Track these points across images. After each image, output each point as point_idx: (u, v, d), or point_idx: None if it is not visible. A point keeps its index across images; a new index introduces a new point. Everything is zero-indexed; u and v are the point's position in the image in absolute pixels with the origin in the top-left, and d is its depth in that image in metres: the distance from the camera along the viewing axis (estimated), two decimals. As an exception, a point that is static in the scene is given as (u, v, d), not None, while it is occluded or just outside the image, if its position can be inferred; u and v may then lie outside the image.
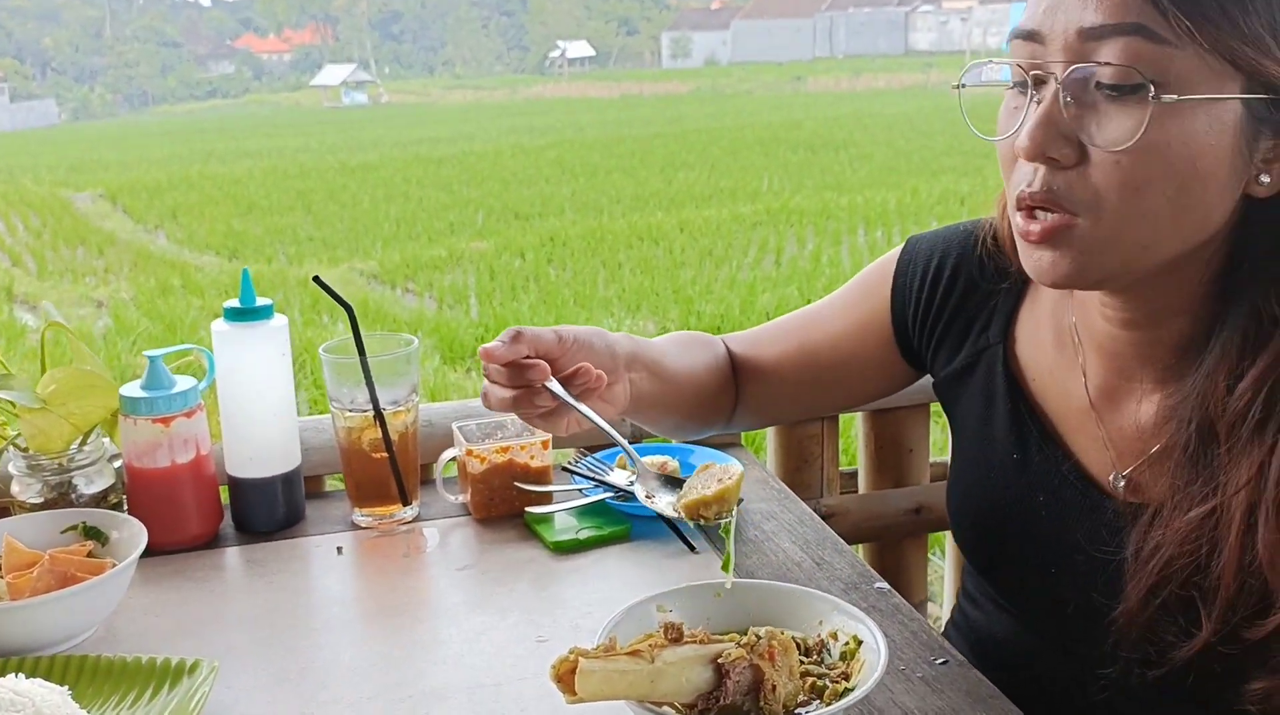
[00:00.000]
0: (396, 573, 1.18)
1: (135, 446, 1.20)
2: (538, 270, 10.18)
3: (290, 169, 19.15)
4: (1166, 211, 0.82)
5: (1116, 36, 0.79)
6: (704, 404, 1.20)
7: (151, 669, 0.96)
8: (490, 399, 1.01)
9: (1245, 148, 0.81)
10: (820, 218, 12.12)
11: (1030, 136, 0.84)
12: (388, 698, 0.95)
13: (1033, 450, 1.02)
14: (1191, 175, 0.81)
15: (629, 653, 0.79)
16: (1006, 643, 1.08)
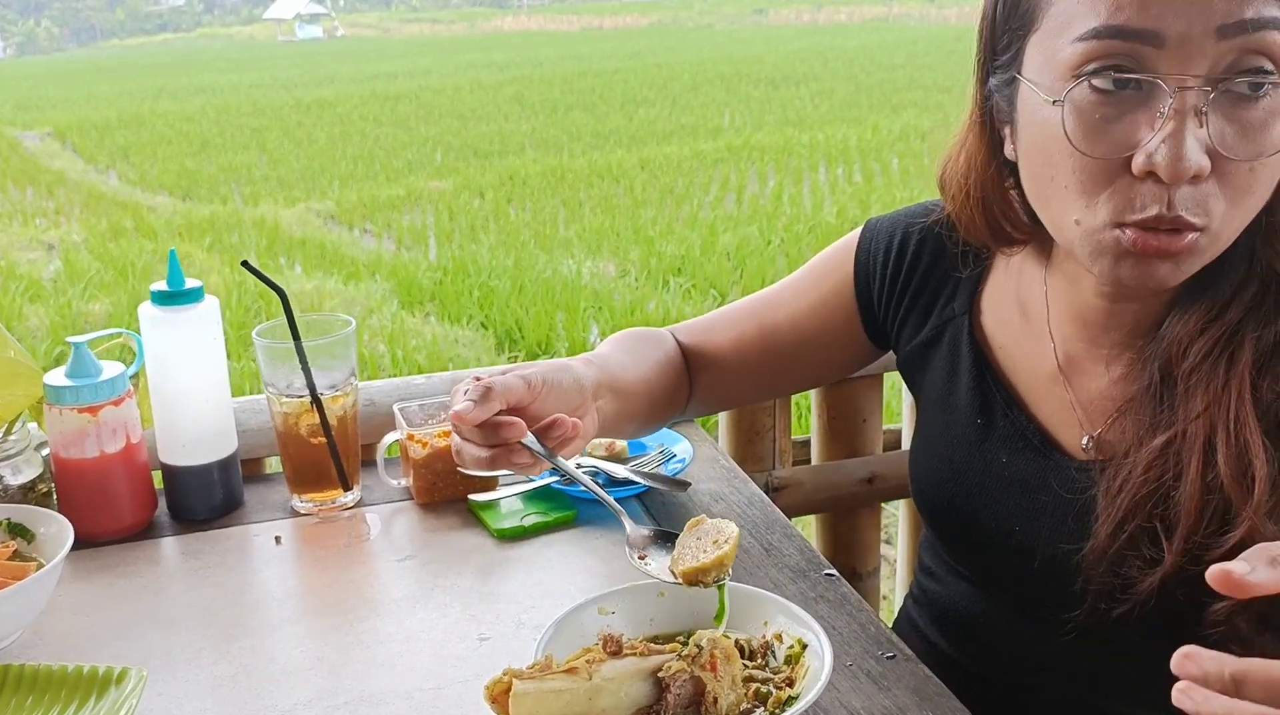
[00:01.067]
0: (337, 565, 1.15)
1: (62, 437, 1.16)
2: (497, 210, 10.07)
3: (244, 106, 18.79)
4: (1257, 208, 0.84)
5: (1263, 31, 0.76)
6: (659, 404, 1.18)
7: (78, 678, 0.92)
8: (465, 459, 0.96)
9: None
10: (781, 155, 12.05)
11: (1182, 158, 0.78)
12: (323, 704, 0.92)
13: (997, 415, 1.02)
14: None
15: (565, 670, 0.76)
16: (965, 609, 1.09)
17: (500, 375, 0.97)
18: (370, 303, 6.96)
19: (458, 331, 6.47)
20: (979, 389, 1.04)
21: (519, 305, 6.65)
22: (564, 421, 0.96)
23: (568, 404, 1.00)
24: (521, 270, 7.47)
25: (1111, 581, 0.90)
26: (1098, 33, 0.79)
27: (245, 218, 10.06)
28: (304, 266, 8.27)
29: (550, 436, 0.96)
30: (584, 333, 6.34)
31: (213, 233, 9.42)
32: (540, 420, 0.97)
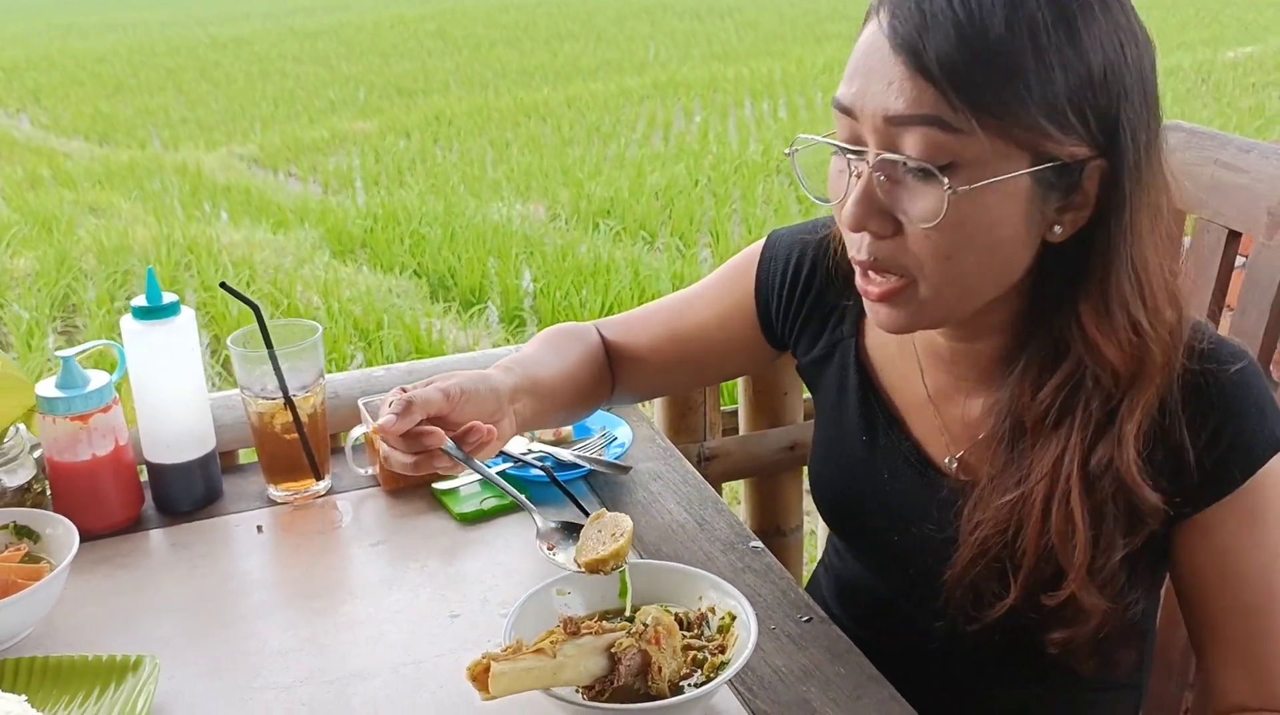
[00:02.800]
0: (314, 551, 1.27)
1: (55, 443, 1.27)
2: (424, 151, 10.04)
3: (157, 44, 18.30)
4: (977, 270, 0.93)
5: (916, 125, 0.87)
6: (583, 397, 1.29)
7: (98, 667, 1.05)
8: (393, 464, 1.08)
9: (1038, 209, 0.91)
10: (707, 90, 12.12)
11: (851, 212, 0.93)
12: (317, 681, 1.06)
13: (879, 434, 1.14)
14: (993, 241, 0.91)
15: (534, 651, 0.91)
16: (865, 592, 1.23)
17: (423, 387, 1.09)
18: (301, 252, 6.97)
19: (391, 280, 6.52)
20: (864, 408, 1.15)
21: (451, 252, 6.71)
22: (479, 428, 1.09)
23: (484, 411, 1.11)
24: (452, 216, 7.50)
25: (967, 604, 1.04)
26: (834, 101, 0.95)
27: (166, 163, 9.92)
28: (230, 214, 8.22)
29: (467, 442, 1.08)
30: (516, 279, 6.43)
31: (133, 180, 9.29)
32: (459, 427, 1.09)
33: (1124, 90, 0.88)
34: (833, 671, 1.05)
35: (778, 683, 1.04)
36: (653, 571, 1.09)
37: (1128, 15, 0.89)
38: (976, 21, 0.85)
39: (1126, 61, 0.88)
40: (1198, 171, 1.39)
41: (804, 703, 1.01)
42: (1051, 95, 0.86)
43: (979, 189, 0.88)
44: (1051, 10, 0.86)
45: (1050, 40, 0.86)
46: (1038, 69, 0.85)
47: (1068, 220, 0.92)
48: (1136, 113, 0.89)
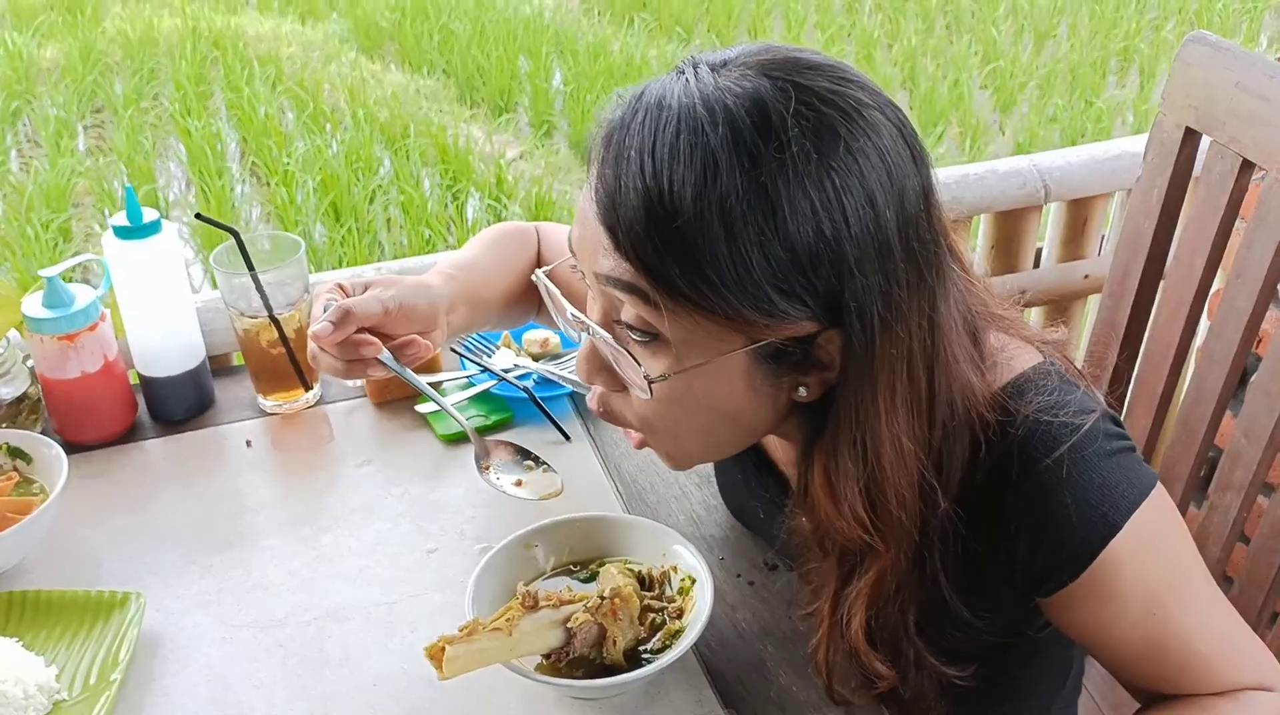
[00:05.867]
0: (302, 471, 1.30)
1: (45, 360, 1.29)
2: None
3: None
4: (703, 439, 0.90)
5: (619, 291, 0.81)
6: (517, 308, 1.27)
7: (86, 602, 1.10)
8: (322, 367, 1.09)
9: (766, 380, 0.84)
10: None
11: (578, 367, 0.90)
12: (297, 620, 1.10)
13: (750, 476, 1.13)
14: (717, 415, 0.86)
15: (491, 630, 0.94)
16: None
17: (361, 294, 1.10)
18: (329, 48, 6.82)
19: (419, 81, 6.39)
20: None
21: (480, 51, 6.54)
22: (417, 343, 1.10)
23: (419, 324, 1.12)
24: (483, 9, 7.28)
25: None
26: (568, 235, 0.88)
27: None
28: (258, 3, 8.00)
29: (404, 355, 1.10)
30: (546, 81, 6.28)
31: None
32: (392, 337, 1.10)
33: (846, 263, 0.77)
34: (790, 627, 1.08)
35: (736, 639, 1.07)
36: (620, 525, 1.11)
37: (862, 170, 0.77)
38: (666, 200, 0.76)
39: (849, 231, 0.77)
40: (1216, 92, 1.32)
41: (759, 663, 1.05)
42: (750, 284, 0.77)
43: (687, 371, 0.82)
44: (748, 187, 0.75)
45: (746, 223, 0.75)
46: (732, 258, 0.76)
47: (813, 382, 0.84)
48: (868, 281, 0.78)
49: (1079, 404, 0.88)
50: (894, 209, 0.78)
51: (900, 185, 0.79)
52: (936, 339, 0.83)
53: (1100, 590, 0.89)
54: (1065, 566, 0.89)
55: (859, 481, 0.84)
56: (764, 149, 0.75)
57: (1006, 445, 0.86)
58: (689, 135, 0.76)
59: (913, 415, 0.83)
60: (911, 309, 0.81)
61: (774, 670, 1.04)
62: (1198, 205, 1.37)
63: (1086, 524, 0.87)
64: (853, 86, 0.79)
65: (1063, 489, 0.86)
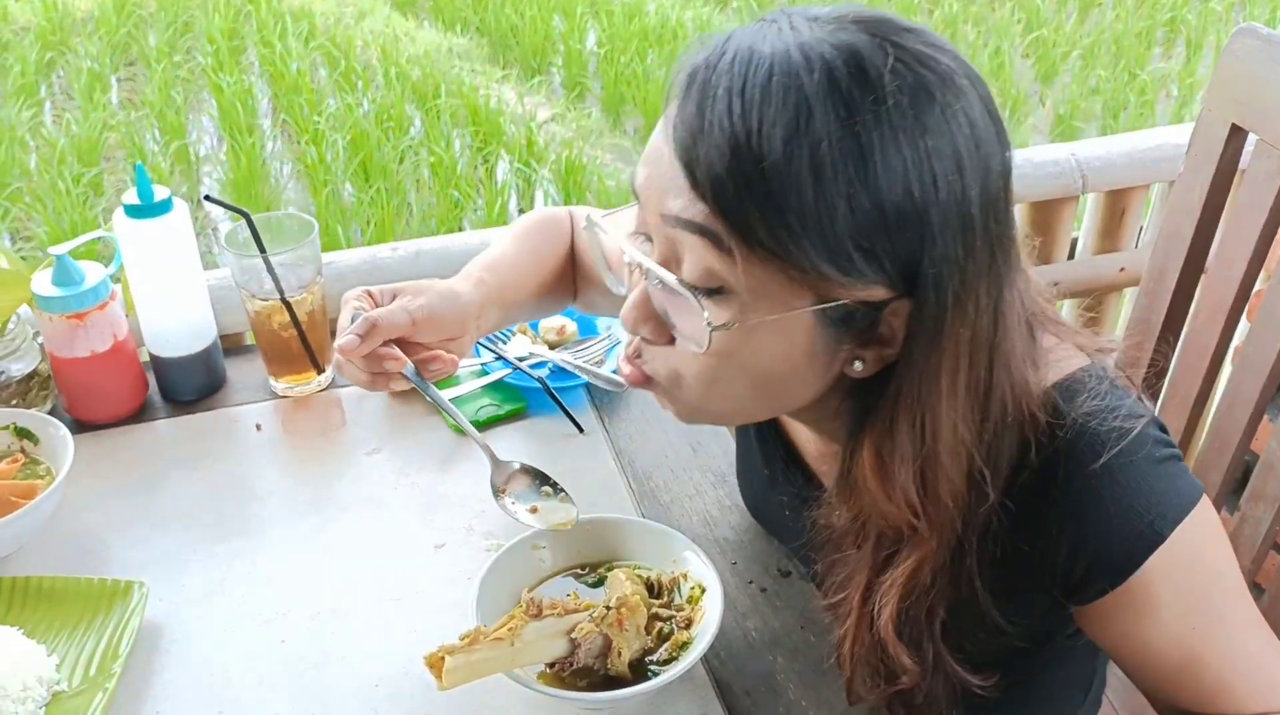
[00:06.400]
0: (312, 458, 1.28)
1: (54, 339, 1.27)
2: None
3: None
4: (742, 400, 0.86)
5: (689, 233, 0.77)
6: (548, 305, 1.26)
7: (89, 591, 1.08)
8: (347, 375, 1.06)
9: (827, 347, 0.80)
10: None
11: (626, 313, 0.86)
12: (299, 614, 1.09)
13: (778, 471, 1.09)
14: (766, 377, 0.83)
15: (493, 639, 0.92)
16: None
17: (389, 302, 1.07)
18: (362, 4, 6.76)
19: (452, 39, 6.33)
20: (762, 441, 1.10)
21: (514, 9, 6.47)
22: (442, 359, 1.08)
23: (447, 332, 1.09)
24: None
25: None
26: (630, 178, 0.84)
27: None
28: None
29: (428, 370, 1.08)
30: (580, 43, 6.21)
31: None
32: (419, 346, 1.08)
33: (930, 229, 0.74)
34: (802, 639, 1.06)
35: (746, 649, 1.05)
36: (630, 528, 1.09)
37: (954, 137, 0.75)
38: (754, 140, 0.72)
39: (938, 195, 0.74)
40: (1265, 88, 1.26)
41: (768, 675, 1.02)
42: (832, 237, 0.73)
43: (750, 324, 0.78)
44: (842, 135, 0.72)
45: (835, 173, 0.72)
46: (817, 207, 0.73)
47: (870, 357, 0.81)
48: (948, 252, 0.75)
49: (1129, 410, 0.85)
50: (978, 183, 0.76)
51: (985, 161, 0.77)
52: (999, 327, 0.80)
53: (1139, 601, 0.87)
54: (1106, 575, 0.86)
55: (913, 464, 0.81)
56: (860, 99, 0.73)
57: (1054, 447, 0.84)
58: (782, 78, 0.73)
59: (971, 402, 0.81)
60: (981, 290, 0.78)
61: (784, 683, 1.01)
62: (1241, 204, 1.31)
63: (1131, 532, 0.84)
64: (945, 54, 0.77)
65: (1109, 495, 0.83)
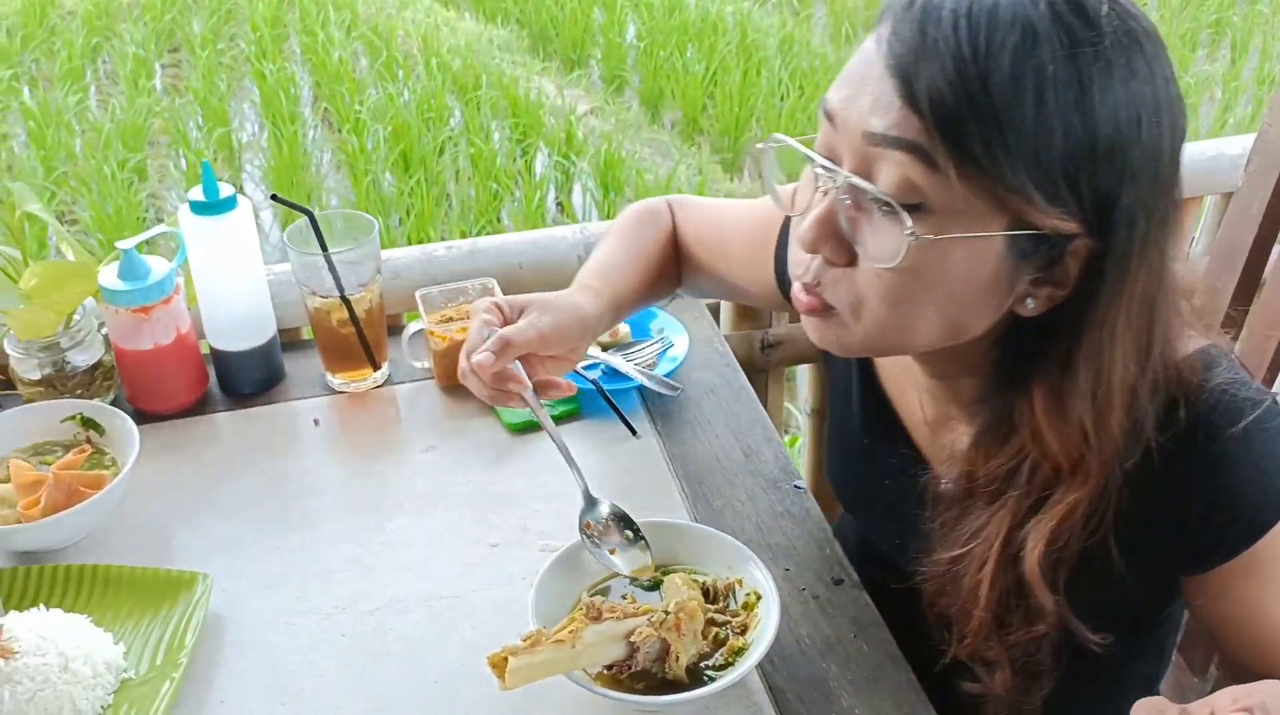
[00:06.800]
0: (368, 453, 1.30)
1: (119, 331, 1.29)
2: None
3: None
4: (920, 325, 0.86)
5: (895, 150, 0.78)
6: (655, 288, 1.28)
7: (156, 580, 1.11)
8: (470, 385, 1.09)
9: (1008, 277, 0.82)
10: None
11: (807, 232, 0.85)
12: (357, 609, 1.11)
13: (879, 441, 1.10)
14: (949, 300, 0.84)
15: (554, 641, 0.93)
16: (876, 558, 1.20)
17: (516, 317, 1.10)
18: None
19: (492, 30, 6.35)
20: (866, 413, 1.11)
21: (555, 1, 6.48)
22: (559, 385, 1.10)
23: (570, 346, 1.12)
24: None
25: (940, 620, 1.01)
26: (821, 102, 0.86)
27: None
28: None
29: (546, 394, 1.10)
30: (620, 36, 6.21)
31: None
32: (540, 360, 1.10)
33: (1130, 169, 0.77)
34: (855, 647, 1.07)
35: (798, 656, 1.06)
36: (688, 533, 1.10)
37: (1156, 86, 0.78)
38: (980, 60, 0.75)
39: (1141, 137, 0.77)
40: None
41: (821, 682, 1.03)
42: (1045, 160, 0.76)
43: (944, 241, 0.79)
44: (1066, 66, 0.75)
45: (1058, 100, 0.75)
46: (1037, 129, 0.75)
47: (1042, 296, 0.83)
48: (1141, 195, 0.78)
49: (1256, 384, 0.90)
50: (1170, 135, 0.79)
51: (1175, 118, 0.80)
52: (1166, 281, 0.84)
53: (1263, 566, 0.90)
54: (1235, 539, 0.89)
55: (1090, 399, 0.84)
56: (1081, 33, 0.76)
57: (1194, 411, 0.87)
58: (1009, 5, 0.76)
59: (1139, 351, 0.84)
60: (1162, 240, 0.82)
61: (836, 691, 1.02)
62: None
63: (1263, 497, 0.88)
64: (1145, 17, 0.80)
65: (1245, 460, 0.87)
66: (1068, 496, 0.87)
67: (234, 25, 6.26)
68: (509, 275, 1.49)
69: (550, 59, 6.11)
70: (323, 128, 5.34)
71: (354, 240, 1.33)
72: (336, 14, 6.14)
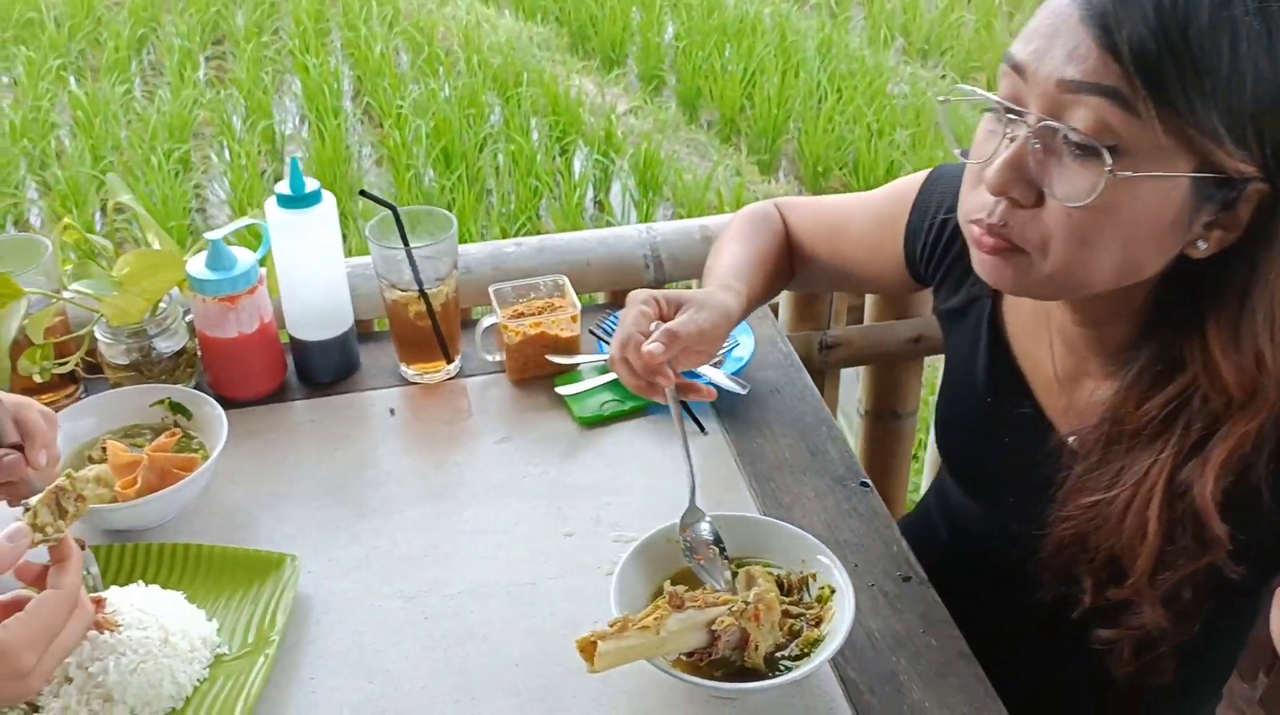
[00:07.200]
0: (442, 445, 1.34)
1: (205, 319, 1.33)
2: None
3: None
4: (1105, 262, 0.91)
5: (1091, 95, 0.85)
6: (774, 288, 1.37)
7: (245, 560, 1.15)
8: (619, 373, 1.21)
9: (1188, 217, 0.88)
10: None
11: (996, 174, 0.91)
12: (439, 593, 1.14)
13: (1004, 399, 1.14)
14: (1134, 237, 0.90)
15: (640, 628, 0.96)
16: (978, 527, 1.25)
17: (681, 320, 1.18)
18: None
19: (532, 28, 6.39)
20: (991, 372, 1.15)
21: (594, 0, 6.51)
22: (699, 388, 1.22)
23: (719, 343, 1.23)
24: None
25: (1062, 576, 1.07)
26: (1005, 56, 0.92)
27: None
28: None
29: (686, 395, 1.21)
30: (658, 36, 6.24)
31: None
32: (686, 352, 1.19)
33: None
34: (924, 642, 1.09)
35: (869, 650, 1.09)
36: (761, 527, 1.13)
37: None
38: (1180, 9, 0.82)
39: None
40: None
41: (892, 675, 1.06)
42: (1236, 105, 0.83)
43: (1138, 179, 0.86)
44: (1259, 19, 0.83)
45: (1250, 48, 0.82)
46: (1230, 75, 0.82)
47: (1214, 238, 0.90)
48: None
49: None
50: None
51: None
52: None
53: None
54: None
55: (1269, 331, 0.90)
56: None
57: None
58: None
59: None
60: None
61: (907, 684, 1.05)
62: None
63: None
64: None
65: None
66: (1239, 426, 0.93)
67: (276, 19, 6.32)
68: (578, 272, 1.52)
69: (589, 57, 6.14)
70: (365, 122, 5.39)
71: (431, 236, 1.36)
72: (379, 9, 6.19)
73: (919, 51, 6.50)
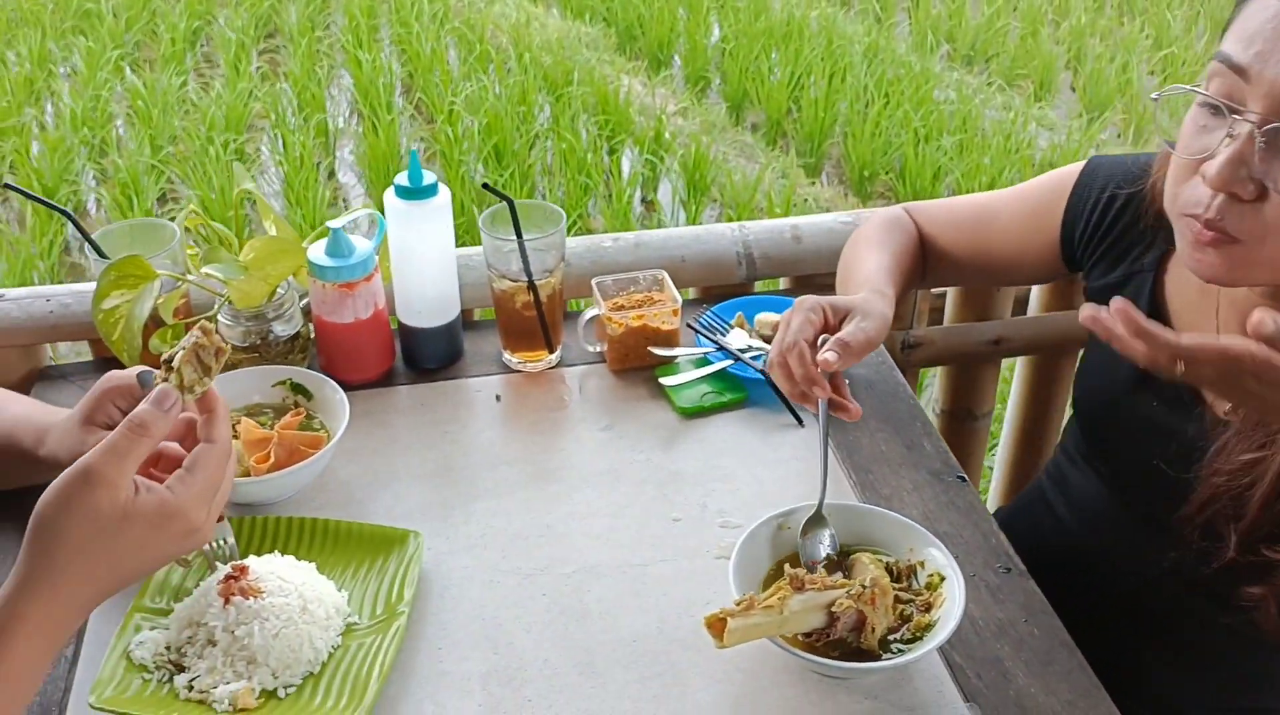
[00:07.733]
0: (548, 431, 1.39)
1: (323, 304, 1.38)
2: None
3: None
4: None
5: None
6: (907, 289, 1.42)
7: (370, 536, 1.19)
8: (776, 376, 1.25)
9: None
10: None
11: (1221, 172, 0.96)
12: (555, 572, 1.19)
13: (1170, 408, 1.18)
14: None
15: (764, 607, 1.01)
16: (1098, 504, 1.30)
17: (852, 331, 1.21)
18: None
19: (581, 27, 6.45)
20: None
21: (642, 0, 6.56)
22: (849, 409, 1.23)
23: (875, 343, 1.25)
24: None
25: (1193, 544, 1.12)
26: (1218, 55, 0.96)
27: None
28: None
29: (835, 409, 1.23)
30: (705, 37, 6.28)
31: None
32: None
33: None
34: (1026, 631, 1.13)
35: (973, 636, 1.13)
36: (871, 516, 1.17)
37: None
38: None
39: None
40: None
41: (997, 661, 1.10)
42: None
43: None
44: None
45: None
46: None
47: None
48: None
49: None
50: None
51: None
52: None
53: None
54: None
55: None
56: None
57: None
58: None
59: None
60: None
61: (1012, 670, 1.09)
62: None
63: None
64: None
65: None
66: None
67: (328, 15, 6.40)
68: (673, 267, 1.57)
69: (636, 58, 6.19)
70: (416, 117, 5.46)
71: (539, 229, 1.41)
72: (429, 6, 6.26)
73: (964, 58, 6.53)
